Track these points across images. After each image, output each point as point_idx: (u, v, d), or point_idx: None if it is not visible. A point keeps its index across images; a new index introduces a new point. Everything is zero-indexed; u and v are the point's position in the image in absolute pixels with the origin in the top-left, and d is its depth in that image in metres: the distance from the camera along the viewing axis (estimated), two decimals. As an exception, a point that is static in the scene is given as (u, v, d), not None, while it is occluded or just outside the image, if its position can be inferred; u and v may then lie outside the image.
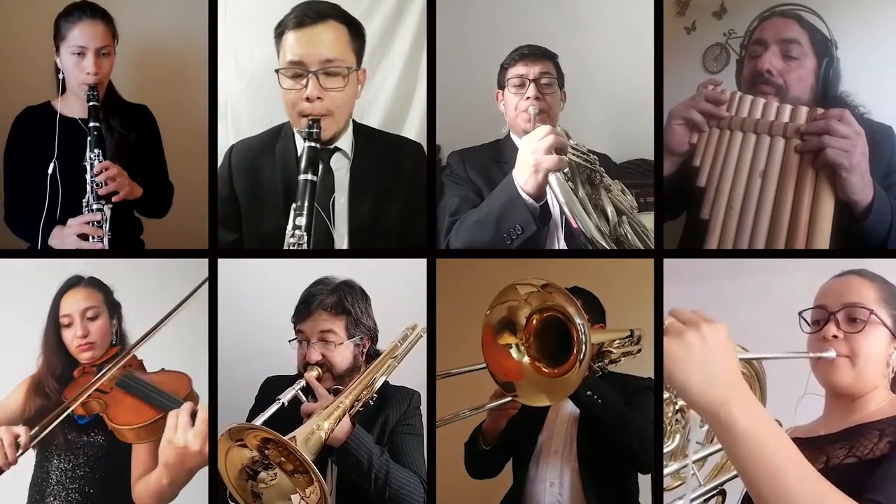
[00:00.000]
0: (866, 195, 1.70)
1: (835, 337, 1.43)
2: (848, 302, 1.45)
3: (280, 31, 1.82)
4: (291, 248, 1.74)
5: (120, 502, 1.74)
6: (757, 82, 1.87)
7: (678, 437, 1.54)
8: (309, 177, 1.76)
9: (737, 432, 1.05)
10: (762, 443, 1.04)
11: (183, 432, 1.58)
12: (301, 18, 1.79)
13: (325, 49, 1.79)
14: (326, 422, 1.54)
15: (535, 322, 1.50)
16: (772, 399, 1.57)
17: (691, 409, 1.10)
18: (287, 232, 1.75)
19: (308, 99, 1.80)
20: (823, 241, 1.71)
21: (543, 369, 1.50)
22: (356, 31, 1.85)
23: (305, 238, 1.74)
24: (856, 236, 1.74)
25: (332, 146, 1.89)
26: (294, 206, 1.76)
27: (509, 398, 1.73)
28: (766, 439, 1.05)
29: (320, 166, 1.81)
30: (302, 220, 1.74)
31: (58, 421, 1.67)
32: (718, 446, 1.47)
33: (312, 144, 1.78)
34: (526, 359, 1.51)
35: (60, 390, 1.77)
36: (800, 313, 1.52)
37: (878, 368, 1.43)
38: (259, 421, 1.53)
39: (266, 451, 1.50)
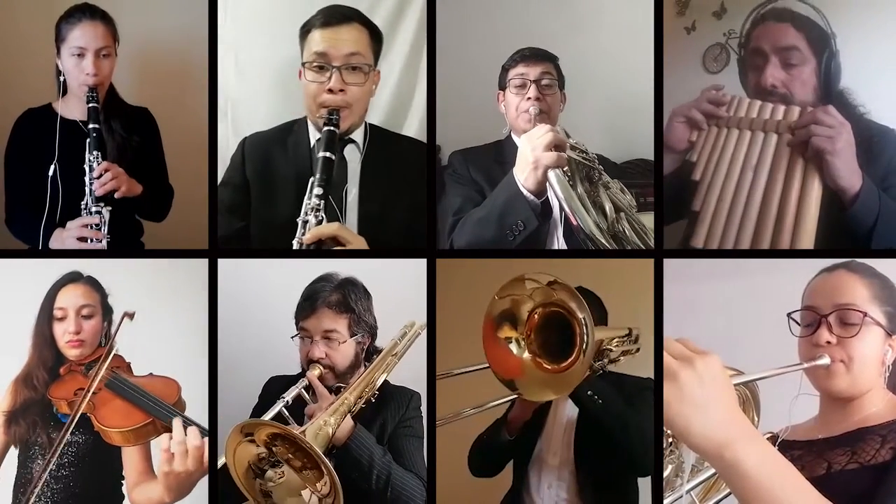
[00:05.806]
0: (853, 183, 1.73)
1: (828, 343, 1.39)
2: (839, 303, 1.41)
3: (306, 30, 1.94)
4: (308, 214, 1.79)
5: (105, 501, 1.74)
6: (763, 95, 1.90)
7: (671, 466, 1.50)
8: (328, 154, 1.83)
9: (745, 472, 1.01)
10: (773, 481, 1.01)
11: (181, 460, 1.57)
12: (328, 19, 1.92)
13: (349, 45, 1.91)
14: (332, 417, 1.57)
15: (536, 317, 1.50)
16: (766, 400, 1.55)
17: (694, 452, 1.06)
18: (304, 201, 1.81)
19: (331, 90, 1.89)
20: (810, 229, 1.75)
21: (545, 365, 1.50)
22: (376, 36, 1.96)
23: (322, 205, 1.80)
24: (842, 224, 1.75)
25: (346, 137, 1.96)
26: (312, 178, 1.82)
27: (513, 396, 1.73)
28: (777, 477, 1.02)
29: (337, 149, 1.88)
30: (320, 190, 1.80)
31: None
32: (710, 472, 1.43)
33: (332, 129, 1.87)
34: (526, 354, 1.52)
35: (48, 384, 1.76)
36: (789, 315, 1.47)
37: (874, 369, 1.41)
38: (267, 417, 1.56)
39: (273, 448, 1.51)
